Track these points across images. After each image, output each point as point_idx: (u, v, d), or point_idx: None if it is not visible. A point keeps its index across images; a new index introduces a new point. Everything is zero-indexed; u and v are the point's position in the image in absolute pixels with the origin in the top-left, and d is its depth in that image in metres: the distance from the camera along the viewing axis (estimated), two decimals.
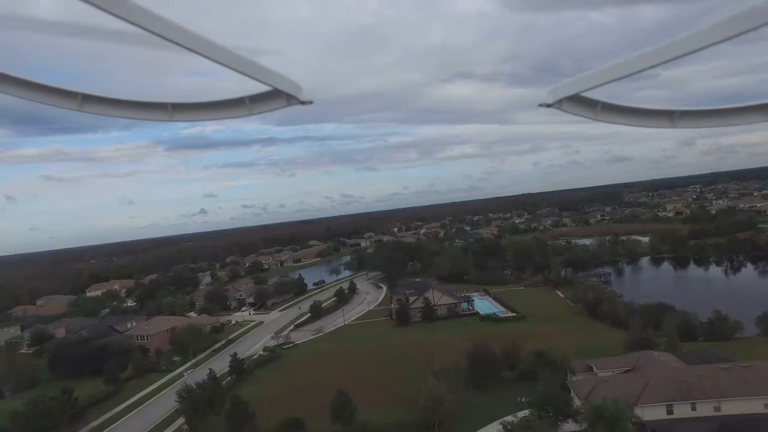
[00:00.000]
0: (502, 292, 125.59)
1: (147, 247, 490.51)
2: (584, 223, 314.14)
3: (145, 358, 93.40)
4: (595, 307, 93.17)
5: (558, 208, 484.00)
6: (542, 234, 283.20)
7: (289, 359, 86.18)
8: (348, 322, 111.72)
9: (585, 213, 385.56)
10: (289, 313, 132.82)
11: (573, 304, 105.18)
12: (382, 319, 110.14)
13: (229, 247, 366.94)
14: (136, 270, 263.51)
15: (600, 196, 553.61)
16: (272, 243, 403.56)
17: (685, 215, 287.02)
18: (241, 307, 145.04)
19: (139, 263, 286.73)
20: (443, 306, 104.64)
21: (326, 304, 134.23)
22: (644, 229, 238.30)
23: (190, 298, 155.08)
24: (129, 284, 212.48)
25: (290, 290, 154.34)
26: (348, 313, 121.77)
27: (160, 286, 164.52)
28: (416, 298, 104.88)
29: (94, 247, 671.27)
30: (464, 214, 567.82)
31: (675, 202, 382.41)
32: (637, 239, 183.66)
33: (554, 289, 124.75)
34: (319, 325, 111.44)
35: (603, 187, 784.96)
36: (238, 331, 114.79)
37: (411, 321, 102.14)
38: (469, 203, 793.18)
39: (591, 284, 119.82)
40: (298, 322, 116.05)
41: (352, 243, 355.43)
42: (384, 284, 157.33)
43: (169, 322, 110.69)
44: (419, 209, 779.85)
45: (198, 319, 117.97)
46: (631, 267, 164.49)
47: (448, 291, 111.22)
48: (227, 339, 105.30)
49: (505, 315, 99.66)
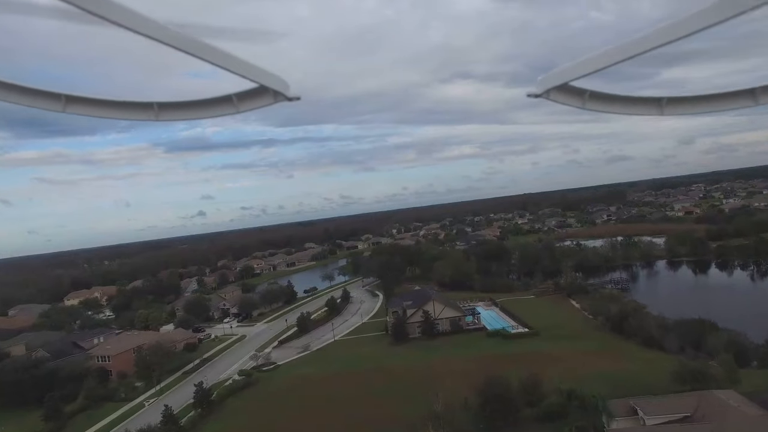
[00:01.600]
0: (510, 302, 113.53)
1: (140, 250, 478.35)
2: (590, 224, 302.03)
3: (104, 383, 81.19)
4: (621, 322, 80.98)
5: (560, 208, 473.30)
6: (546, 235, 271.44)
7: (266, 386, 73.91)
8: (338, 337, 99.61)
9: (590, 213, 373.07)
10: (275, 325, 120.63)
11: (592, 316, 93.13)
12: (376, 334, 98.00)
13: (221, 251, 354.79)
14: (121, 275, 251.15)
15: (603, 196, 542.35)
16: (268, 245, 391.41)
17: (696, 215, 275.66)
18: (225, 318, 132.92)
19: (126, 268, 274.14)
20: (445, 320, 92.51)
21: (316, 315, 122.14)
22: (655, 229, 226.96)
23: (171, 308, 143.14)
24: (111, 291, 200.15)
25: (279, 299, 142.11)
26: (339, 326, 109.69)
27: (138, 294, 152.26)
28: (415, 310, 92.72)
29: (89, 251, 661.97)
30: (464, 214, 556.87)
31: (682, 201, 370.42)
32: (651, 241, 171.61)
33: (567, 298, 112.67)
34: (306, 341, 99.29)
35: (605, 186, 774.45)
36: (215, 348, 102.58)
37: (409, 337, 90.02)
38: (468, 203, 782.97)
39: (610, 293, 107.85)
40: (283, 337, 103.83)
41: (349, 245, 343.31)
42: (380, 292, 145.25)
43: (136, 338, 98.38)
44: (418, 210, 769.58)
45: (171, 335, 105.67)
46: (646, 271, 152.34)
47: (451, 302, 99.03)
48: (202, 358, 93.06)
49: (516, 330, 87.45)
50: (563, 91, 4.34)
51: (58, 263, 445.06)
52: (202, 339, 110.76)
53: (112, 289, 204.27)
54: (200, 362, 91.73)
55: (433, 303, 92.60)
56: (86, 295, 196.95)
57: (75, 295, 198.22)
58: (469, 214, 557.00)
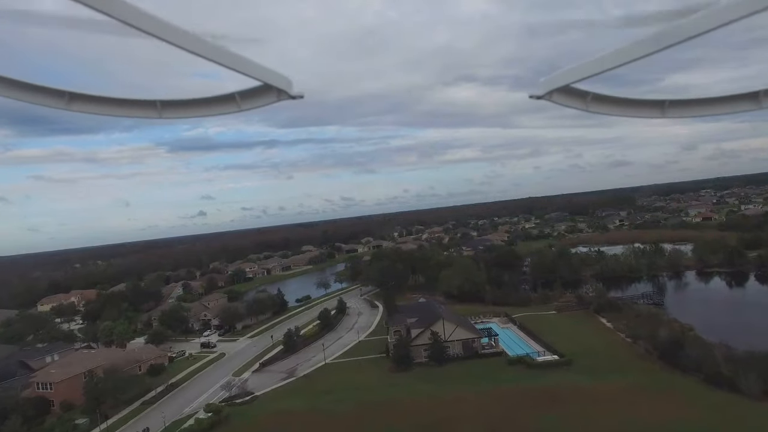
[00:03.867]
0: (529, 318, 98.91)
1: (138, 250, 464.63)
2: (602, 229, 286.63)
3: (41, 418, 66.61)
4: (674, 351, 66.23)
5: (568, 212, 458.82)
6: (557, 240, 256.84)
7: (237, 428, 59.34)
8: (331, 359, 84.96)
9: (600, 218, 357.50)
10: (260, 341, 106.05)
11: (631, 340, 78.35)
12: (375, 357, 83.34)
13: (216, 252, 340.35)
14: (106, 278, 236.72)
15: (610, 200, 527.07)
16: (264, 247, 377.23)
17: (715, 220, 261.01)
18: (205, 331, 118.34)
19: (112, 270, 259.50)
20: (457, 342, 77.86)
21: (307, 330, 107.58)
22: (674, 236, 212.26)
23: (148, 318, 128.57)
24: (91, 295, 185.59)
25: (267, 309, 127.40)
26: (332, 345, 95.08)
27: (111, 301, 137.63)
28: (421, 330, 78.08)
29: (90, 249, 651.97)
30: (467, 218, 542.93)
31: (696, 206, 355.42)
32: (677, 249, 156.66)
33: (595, 315, 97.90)
34: (293, 364, 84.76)
35: (608, 191, 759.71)
36: (187, 370, 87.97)
37: (414, 362, 75.42)
38: (471, 207, 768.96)
39: (647, 310, 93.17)
40: (266, 358, 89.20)
41: (349, 249, 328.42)
42: (380, 302, 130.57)
43: (92, 358, 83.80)
44: (420, 213, 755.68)
45: (136, 353, 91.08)
46: (674, 282, 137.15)
47: (463, 320, 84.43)
48: (168, 383, 78.42)
49: (543, 357, 72.72)
50: (566, 93, 4.30)
51: (53, 262, 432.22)
52: (174, 357, 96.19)
53: (93, 293, 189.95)
54: (165, 389, 77.05)
55: (442, 322, 77.93)
56: (63, 300, 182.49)
57: (49, 300, 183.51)
58: (472, 217, 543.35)
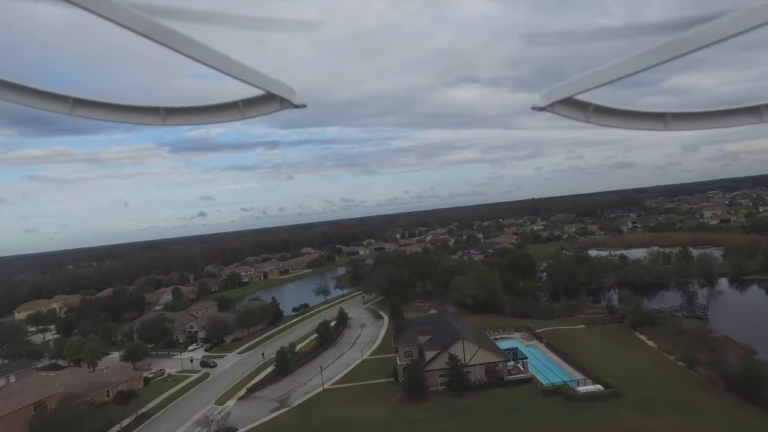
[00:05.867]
0: (556, 334, 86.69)
1: (137, 251, 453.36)
2: (616, 232, 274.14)
3: None
4: (748, 383, 54.07)
5: (574, 214, 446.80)
6: (568, 243, 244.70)
7: None
8: (330, 383, 72.85)
9: (611, 219, 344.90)
10: (250, 358, 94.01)
11: (685, 365, 66.16)
12: (382, 382, 71.17)
13: (212, 254, 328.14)
14: (94, 282, 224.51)
15: (617, 202, 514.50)
16: (263, 249, 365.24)
17: (734, 223, 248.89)
18: (190, 345, 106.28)
19: (102, 273, 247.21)
20: (479, 366, 65.77)
21: (303, 345, 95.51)
22: (694, 239, 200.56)
23: (129, 329, 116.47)
24: (75, 301, 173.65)
25: (260, 320, 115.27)
26: (332, 363, 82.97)
27: (88, 311, 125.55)
28: (437, 353, 65.94)
29: (84, 250, 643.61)
30: (470, 219, 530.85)
31: (709, 208, 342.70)
32: (709, 254, 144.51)
33: (632, 332, 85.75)
34: (286, 389, 72.70)
35: (611, 192, 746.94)
36: (162, 396, 75.80)
37: (429, 390, 63.32)
38: (473, 208, 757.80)
39: (695, 327, 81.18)
40: (256, 381, 77.06)
41: (350, 251, 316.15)
42: (384, 312, 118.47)
43: (45, 385, 71.40)
44: (421, 214, 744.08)
45: (104, 375, 78.88)
46: (706, 290, 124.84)
47: (485, 340, 72.28)
48: (137, 414, 66.26)
49: (585, 388, 60.44)
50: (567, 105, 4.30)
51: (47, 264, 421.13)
52: (150, 378, 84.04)
53: (77, 299, 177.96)
54: (134, 421, 64.93)
55: (462, 343, 65.77)
56: (43, 306, 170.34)
57: (29, 306, 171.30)
58: (476, 218, 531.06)
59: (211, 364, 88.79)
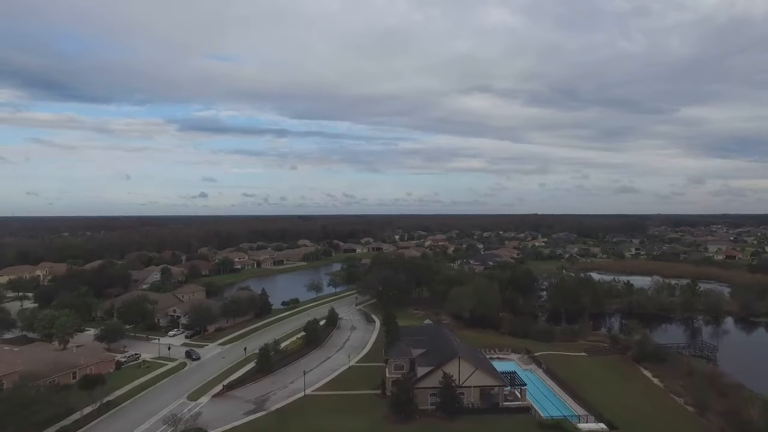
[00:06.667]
0: (555, 359, 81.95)
1: (129, 225, 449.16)
2: (618, 256, 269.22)
3: None
4: None
5: (576, 234, 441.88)
6: (570, 263, 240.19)
7: None
8: (313, 389, 68.08)
9: (613, 243, 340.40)
10: (232, 350, 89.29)
11: (694, 410, 61.30)
12: (368, 393, 66.40)
13: (208, 236, 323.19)
14: (85, 252, 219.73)
15: (620, 226, 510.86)
16: (259, 236, 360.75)
17: (740, 260, 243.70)
18: (171, 330, 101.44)
19: (93, 244, 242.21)
20: (474, 389, 60.98)
21: (289, 343, 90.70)
22: (698, 273, 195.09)
23: (110, 306, 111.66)
24: (61, 270, 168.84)
25: (247, 311, 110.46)
26: (317, 367, 78.24)
27: (69, 282, 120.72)
28: (430, 370, 61.18)
29: (82, 219, 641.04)
30: (471, 228, 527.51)
31: (713, 242, 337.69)
32: (717, 290, 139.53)
33: (636, 365, 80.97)
34: (265, 389, 67.92)
35: (615, 216, 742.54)
36: (132, 384, 70.98)
37: (418, 409, 58.51)
38: (474, 217, 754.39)
39: (703, 369, 76.35)
40: (234, 378, 72.29)
41: (347, 248, 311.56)
42: (377, 316, 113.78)
43: (8, 361, 66.57)
44: (422, 218, 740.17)
45: (74, 355, 74.08)
46: (711, 328, 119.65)
47: (483, 361, 67.49)
48: (102, 402, 61.36)
49: (586, 425, 55.60)
50: None
51: (42, 228, 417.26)
52: (123, 362, 79.24)
53: (62, 268, 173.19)
54: (97, 410, 60.08)
55: (458, 362, 61.00)
56: (27, 272, 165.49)
57: (10, 271, 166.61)
58: (476, 228, 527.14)
59: (194, 356, 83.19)
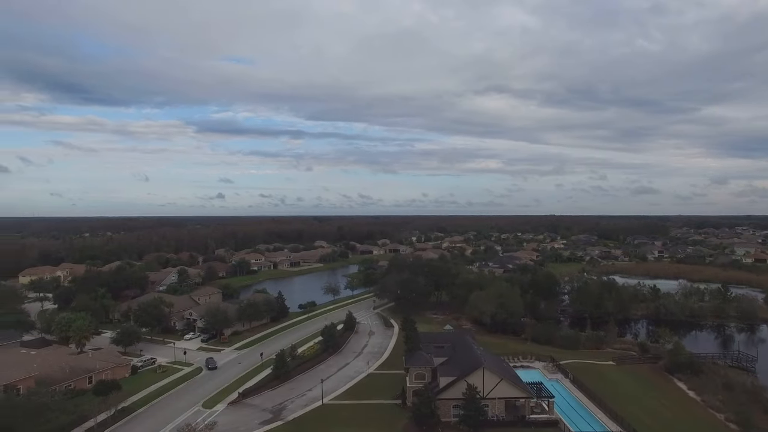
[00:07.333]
0: (582, 368, 78.53)
1: (148, 225, 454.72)
2: (640, 259, 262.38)
3: None
4: None
5: (596, 235, 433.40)
6: (591, 266, 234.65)
7: None
8: (330, 398, 65.91)
9: (635, 246, 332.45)
10: (248, 356, 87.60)
11: (738, 429, 57.50)
12: (387, 403, 64.01)
13: (225, 237, 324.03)
14: (104, 252, 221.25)
15: (640, 227, 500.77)
16: (276, 237, 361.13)
17: None
18: (187, 334, 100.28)
19: (113, 245, 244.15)
20: (499, 401, 58.16)
21: (306, 348, 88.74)
22: (727, 277, 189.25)
23: (127, 308, 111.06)
24: (80, 271, 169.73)
25: (263, 315, 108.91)
26: (334, 374, 76.12)
27: (87, 284, 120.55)
28: (452, 381, 58.56)
29: (103, 219, 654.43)
30: (488, 229, 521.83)
31: (740, 245, 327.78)
32: (751, 296, 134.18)
33: (668, 376, 77.17)
34: (282, 397, 65.95)
35: (634, 217, 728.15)
36: (148, 389, 69.64)
37: (440, 421, 55.95)
38: (491, 218, 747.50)
39: (743, 382, 72.27)
40: (250, 385, 70.48)
41: (363, 249, 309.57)
42: (395, 320, 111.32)
43: (23, 364, 65.73)
44: (438, 218, 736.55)
45: (89, 359, 73.03)
46: (744, 336, 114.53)
47: (508, 372, 64.60)
48: (116, 409, 60.02)
49: None
50: None
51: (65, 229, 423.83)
52: (139, 367, 78.08)
53: (81, 269, 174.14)
54: (111, 417, 58.72)
55: (483, 372, 58.24)
56: (48, 273, 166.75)
57: (32, 272, 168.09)
58: (493, 229, 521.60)
59: (210, 365, 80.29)
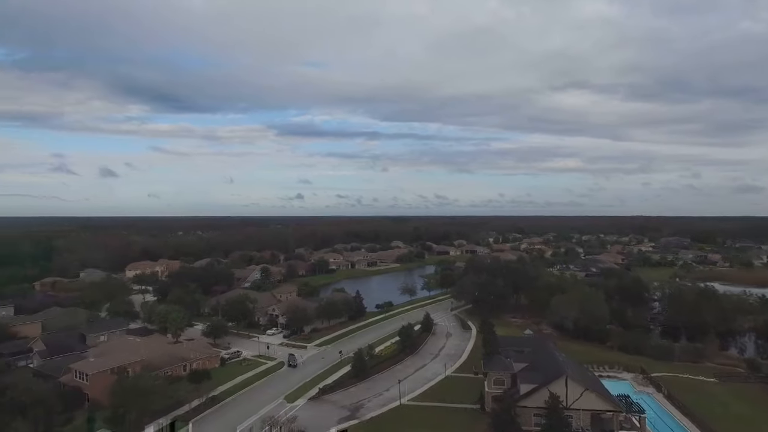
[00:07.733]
0: (678, 383, 72.99)
1: (234, 225, 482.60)
2: (745, 265, 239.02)
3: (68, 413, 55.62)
4: None
5: (689, 238, 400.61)
6: (684, 271, 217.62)
7: None
8: (407, 399, 66.32)
9: (737, 250, 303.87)
10: (327, 353, 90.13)
11: None
12: (465, 407, 63.31)
13: (305, 237, 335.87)
14: (196, 250, 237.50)
15: (742, 230, 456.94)
16: (353, 237, 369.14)
17: None
18: (269, 329, 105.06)
19: (203, 243, 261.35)
20: (584, 412, 55.54)
21: (383, 348, 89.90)
22: None
23: (216, 303, 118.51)
24: (175, 266, 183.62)
25: (341, 313, 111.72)
26: (412, 374, 76.52)
27: (180, 280, 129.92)
28: (534, 388, 56.77)
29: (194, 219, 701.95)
30: (569, 230, 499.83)
31: None
32: None
33: None
34: (359, 396, 67.32)
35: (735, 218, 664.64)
36: (235, 380, 73.83)
37: (521, 428, 54.44)
38: (571, 219, 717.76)
39: None
40: (329, 382, 72.58)
41: (440, 250, 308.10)
42: (473, 323, 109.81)
43: (130, 351, 72.19)
44: (515, 219, 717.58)
45: (184, 349, 78.69)
46: None
47: (594, 382, 61.59)
48: (207, 397, 64.30)
49: None
50: None
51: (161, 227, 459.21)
52: (227, 359, 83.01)
53: (176, 265, 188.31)
54: (204, 403, 62.96)
55: (566, 382, 55.94)
56: (148, 268, 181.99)
57: (136, 266, 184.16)
58: (574, 231, 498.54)
59: (291, 362, 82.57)
